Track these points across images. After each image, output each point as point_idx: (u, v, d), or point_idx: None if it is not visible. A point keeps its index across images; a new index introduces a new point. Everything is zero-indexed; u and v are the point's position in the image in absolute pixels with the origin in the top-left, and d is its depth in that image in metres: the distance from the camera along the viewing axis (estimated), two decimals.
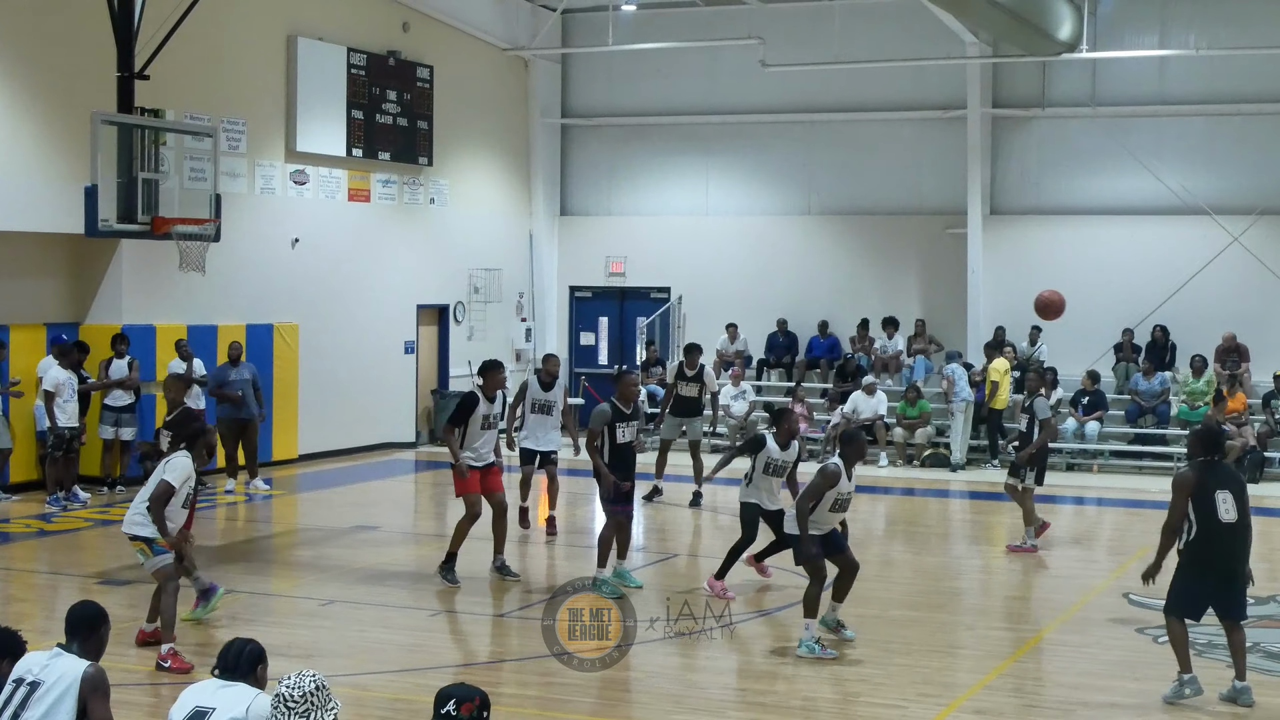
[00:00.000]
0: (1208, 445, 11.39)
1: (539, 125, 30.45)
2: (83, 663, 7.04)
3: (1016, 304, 27.32)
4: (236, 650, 6.92)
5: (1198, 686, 11.19)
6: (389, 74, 26.17)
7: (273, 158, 24.11)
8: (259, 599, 14.63)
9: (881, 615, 14.29)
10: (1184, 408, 25.36)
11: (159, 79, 19.37)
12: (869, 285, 28.87)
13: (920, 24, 27.02)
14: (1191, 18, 26.47)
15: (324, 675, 6.53)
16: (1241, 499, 11.14)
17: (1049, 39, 24.75)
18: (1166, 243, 26.77)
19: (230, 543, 18.46)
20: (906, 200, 28.89)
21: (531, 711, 10.87)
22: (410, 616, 14.15)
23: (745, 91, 29.37)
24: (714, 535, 18.77)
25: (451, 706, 6.26)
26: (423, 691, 11.19)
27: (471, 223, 28.89)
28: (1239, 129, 26.71)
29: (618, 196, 30.99)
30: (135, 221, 18.45)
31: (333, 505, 21.04)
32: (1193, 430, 12.31)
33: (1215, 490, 11.05)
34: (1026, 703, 11.31)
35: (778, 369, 29.02)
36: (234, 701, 6.67)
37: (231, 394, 21.11)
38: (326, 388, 24.83)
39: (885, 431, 25.68)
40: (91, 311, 21.80)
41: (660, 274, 30.26)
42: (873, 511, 21.64)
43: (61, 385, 19.61)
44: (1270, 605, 14.80)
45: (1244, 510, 11.13)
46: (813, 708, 11.08)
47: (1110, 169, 27.28)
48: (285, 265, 24.25)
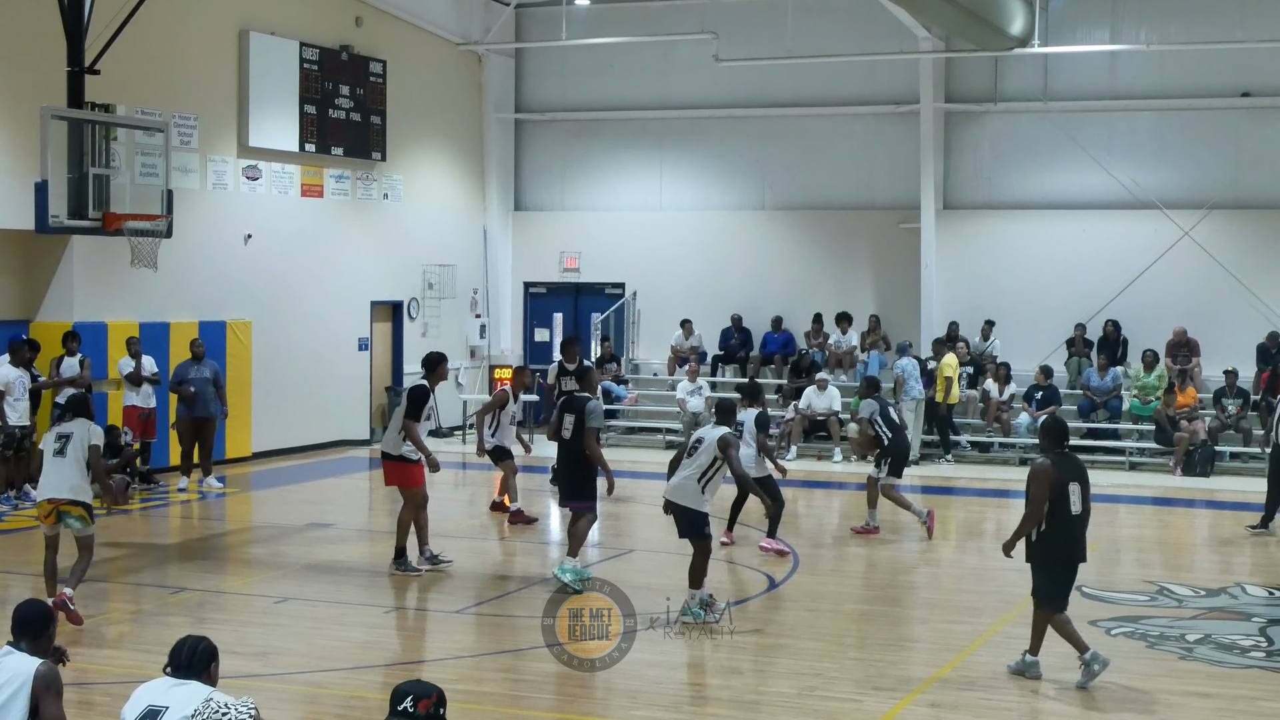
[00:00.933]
0: (1057, 437, 11.72)
1: (492, 120, 30.40)
2: (34, 661, 6.98)
3: (969, 299, 27.52)
4: (189, 649, 6.87)
5: (1104, 659, 11.49)
6: (342, 69, 26.07)
7: (225, 153, 23.98)
8: (212, 597, 14.57)
9: (836, 609, 14.33)
10: (1136, 402, 25.52)
11: (110, 74, 19.23)
12: (823, 280, 28.94)
13: (873, 19, 27.12)
14: (1142, 13, 26.63)
15: (235, 704, 6.51)
16: (1087, 491, 11.51)
17: (1001, 34, 24.89)
18: (1118, 237, 26.94)
19: (184, 541, 18.38)
20: (860, 195, 28.97)
21: (489, 708, 10.85)
22: (365, 614, 14.11)
23: (699, 86, 29.38)
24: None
25: (409, 703, 6.26)
26: (378, 689, 11.17)
27: (425, 218, 28.81)
28: (1189, 124, 26.89)
29: (572, 192, 30.96)
30: (86, 217, 18.30)
31: (287, 503, 20.96)
32: (1042, 424, 12.53)
33: (1067, 483, 11.38)
34: (980, 696, 11.35)
35: (732, 365, 29.05)
36: (187, 700, 6.63)
37: (186, 391, 21.00)
38: (280, 385, 24.73)
39: (839, 427, 25.73)
40: (42, 309, 21.64)
41: (615, 270, 30.25)
42: (827, 506, 21.71)
43: (12, 384, 19.44)
44: (1221, 597, 14.92)
45: (1088, 502, 11.53)
46: (767, 701, 11.10)
47: (1062, 164, 27.42)
48: (238, 261, 24.13)
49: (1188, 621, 13.82)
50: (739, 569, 16.17)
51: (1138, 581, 15.77)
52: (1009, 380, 26.05)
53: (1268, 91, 26.19)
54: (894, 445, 18.16)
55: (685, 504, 13.45)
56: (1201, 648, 12.80)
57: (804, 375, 27.08)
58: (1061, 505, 11.34)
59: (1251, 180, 26.37)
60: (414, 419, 15.28)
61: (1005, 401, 25.83)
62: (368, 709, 10.69)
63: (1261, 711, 11.07)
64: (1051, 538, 11.39)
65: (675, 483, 13.51)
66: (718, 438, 13.44)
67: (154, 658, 11.39)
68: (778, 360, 28.42)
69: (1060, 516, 11.35)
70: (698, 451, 13.49)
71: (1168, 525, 20.25)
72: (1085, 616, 13.86)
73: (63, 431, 13.36)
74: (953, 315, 27.18)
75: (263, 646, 12.45)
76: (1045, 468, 11.45)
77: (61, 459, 13.20)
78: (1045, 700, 11.26)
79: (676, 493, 13.46)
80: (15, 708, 6.84)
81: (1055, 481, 11.33)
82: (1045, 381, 25.75)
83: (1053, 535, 11.38)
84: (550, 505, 20.00)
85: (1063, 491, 11.33)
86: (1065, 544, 11.45)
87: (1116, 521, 20.70)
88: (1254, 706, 11.16)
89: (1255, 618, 14.04)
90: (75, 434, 13.27)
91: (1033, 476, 11.51)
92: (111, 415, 21.24)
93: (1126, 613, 14.14)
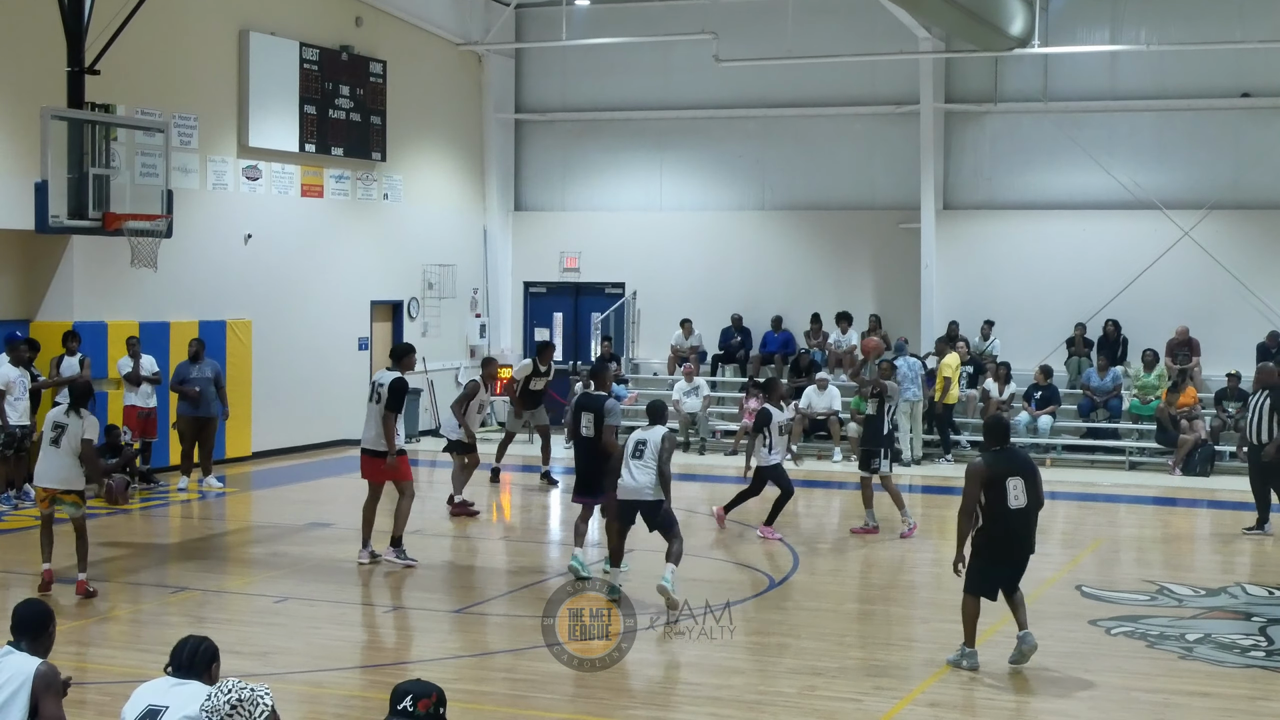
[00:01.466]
0: (997, 435, 12.03)
1: (493, 121, 30.40)
2: (34, 660, 6.98)
3: (969, 299, 27.52)
4: (191, 649, 6.87)
5: (976, 661, 11.86)
6: (342, 69, 26.07)
7: (225, 153, 23.97)
8: (213, 596, 14.57)
9: (836, 609, 14.34)
10: (1135, 402, 25.52)
11: (110, 74, 19.22)
12: (823, 280, 28.94)
13: (873, 19, 27.12)
14: (1142, 13, 26.63)
15: (255, 685, 6.47)
16: (1033, 484, 11.77)
17: (1001, 34, 24.89)
18: (1118, 237, 26.93)
19: (184, 540, 18.39)
20: (860, 195, 28.97)
21: (488, 707, 10.85)
22: (365, 613, 14.13)
23: (699, 87, 29.38)
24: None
25: (408, 703, 6.24)
26: (377, 688, 11.16)
27: (425, 218, 28.82)
28: (1189, 124, 26.89)
29: (572, 192, 30.97)
30: (86, 218, 18.29)
31: (286, 502, 20.95)
32: (985, 421, 12.82)
33: (1006, 478, 11.67)
34: (981, 695, 11.36)
35: (732, 364, 29.05)
36: (187, 700, 6.63)
37: (189, 391, 21.00)
38: (280, 384, 24.73)
39: (839, 426, 25.73)
40: (42, 308, 21.64)
41: (614, 269, 30.26)
42: (827, 506, 21.70)
43: (12, 383, 19.43)
44: (1221, 597, 14.92)
45: (1035, 495, 11.81)
46: (768, 701, 11.10)
47: (1062, 164, 27.42)
48: (238, 261, 24.13)
49: (1188, 621, 13.81)
50: (739, 569, 16.18)
51: (1138, 581, 15.76)
52: (1009, 380, 26.05)
53: (1268, 91, 26.19)
54: (889, 437, 18.42)
55: (653, 499, 13.76)
56: (1201, 648, 12.80)
57: (803, 375, 27.08)
58: (999, 500, 11.66)
59: (1251, 180, 26.36)
60: (395, 410, 15.41)
61: (1005, 401, 25.82)
62: (368, 709, 10.69)
63: (1261, 711, 11.06)
64: (992, 530, 11.75)
65: (635, 484, 13.74)
66: (661, 437, 13.77)
67: (154, 658, 11.40)
68: (777, 360, 28.41)
69: (998, 510, 11.68)
70: (644, 454, 13.75)
71: (1168, 525, 20.24)
72: (1085, 616, 13.90)
73: (59, 421, 13.99)
74: (953, 315, 27.17)
75: (263, 646, 12.45)
76: (977, 466, 11.86)
77: (55, 449, 13.96)
78: (1045, 700, 11.26)
79: (640, 492, 13.71)
80: (15, 707, 6.84)
81: (987, 479, 11.67)
82: (1045, 381, 25.75)
83: (993, 527, 11.74)
84: (549, 501, 20.00)
85: (1000, 487, 11.65)
86: (1004, 538, 11.78)
87: (1116, 521, 20.74)
88: (1254, 706, 11.16)
89: (1255, 618, 14.04)
90: (70, 426, 13.90)
91: (966, 474, 11.93)
92: (111, 415, 21.24)
93: (1126, 613, 14.14)
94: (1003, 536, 11.76)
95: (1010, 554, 11.89)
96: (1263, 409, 18.64)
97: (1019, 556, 11.94)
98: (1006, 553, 11.87)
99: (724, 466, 25.21)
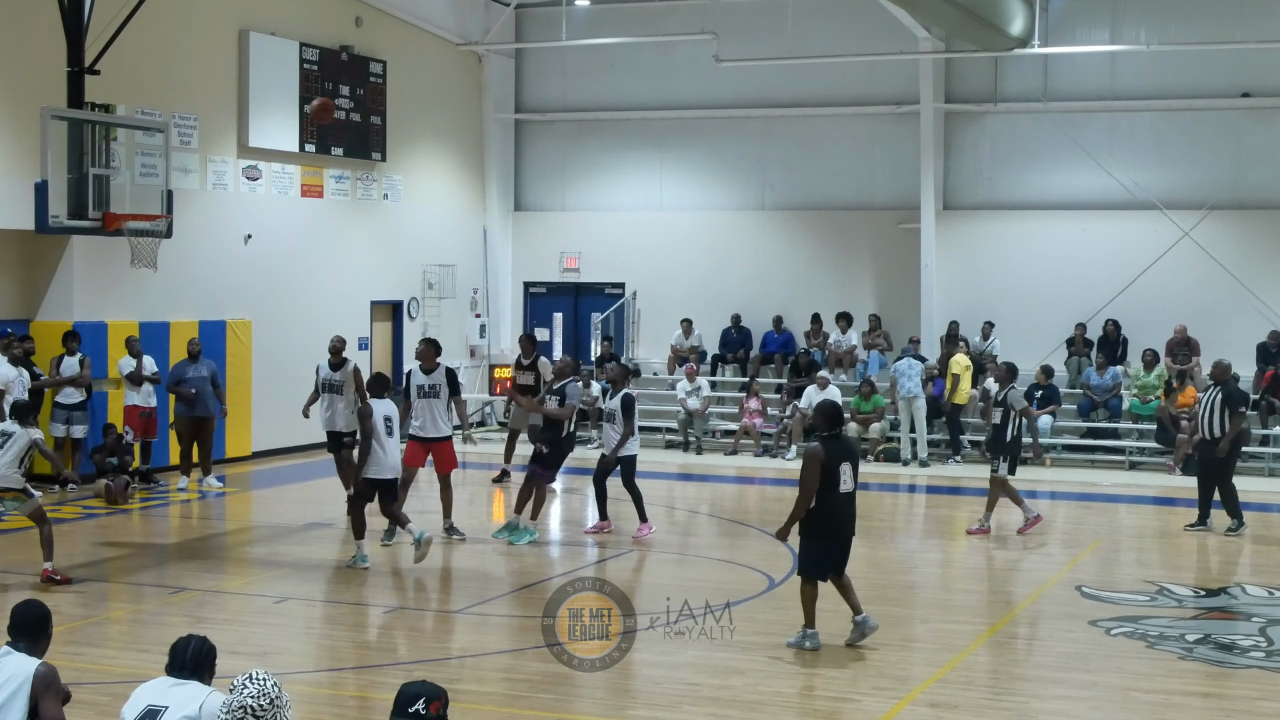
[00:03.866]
0: (831, 420, 12.49)
1: (492, 120, 30.40)
2: (33, 661, 6.98)
3: (969, 299, 27.52)
4: (193, 649, 6.86)
5: (818, 641, 12.46)
6: (342, 69, 26.08)
7: (225, 153, 23.98)
8: (212, 596, 14.56)
9: (836, 609, 14.31)
10: (1135, 401, 25.52)
11: (110, 74, 19.22)
12: (823, 280, 28.94)
13: (873, 20, 27.11)
14: (1142, 14, 26.63)
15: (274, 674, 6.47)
16: (857, 469, 12.48)
17: (1001, 34, 24.89)
18: (1118, 237, 26.94)
19: (184, 540, 18.37)
20: (860, 195, 28.97)
21: (489, 708, 10.85)
22: (364, 613, 14.12)
23: (699, 87, 29.38)
24: (669, 531, 18.76)
25: (420, 705, 6.14)
26: (377, 689, 11.17)
27: (425, 218, 28.82)
28: (1189, 124, 26.89)
29: (572, 192, 30.97)
30: (86, 217, 18.28)
31: (286, 502, 20.95)
32: (817, 406, 13.32)
33: (839, 464, 12.18)
34: (980, 696, 11.36)
35: (732, 364, 29.06)
36: (187, 700, 6.62)
37: (185, 391, 20.99)
38: (280, 384, 24.68)
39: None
40: (42, 308, 21.65)
41: (615, 270, 30.26)
42: None
43: (11, 383, 19.43)
44: (1221, 597, 14.92)
45: (856, 480, 12.49)
46: (768, 701, 11.10)
47: (1062, 164, 27.42)
48: (238, 261, 24.13)
49: (1188, 621, 13.81)
50: (739, 569, 16.17)
51: (1138, 581, 15.76)
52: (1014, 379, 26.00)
53: (1268, 91, 26.20)
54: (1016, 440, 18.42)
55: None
56: (1201, 648, 12.80)
57: (803, 375, 27.08)
58: (832, 484, 12.15)
59: (1251, 180, 26.37)
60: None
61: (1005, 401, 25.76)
62: (368, 709, 10.69)
63: (1261, 711, 11.06)
64: (822, 513, 12.25)
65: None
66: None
67: (154, 658, 11.40)
68: (778, 360, 28.41)
69: (831, 494, 12.20)
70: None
71: (1168, 525, 20.24)
72: (1085, 616, 13.90)
73: (5, 430, 14.65)
74: (953, 315, 27.17)
75: (263, 646, 12.44)
76: (816, 451, 12.26)
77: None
78: (1045, 700, 11.25)
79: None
80: (15, 708, 6.83)
81: (826, 463, 12.11)
82: (1046, 381, 25.74)
83: (823, 511, 12.24)
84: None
85: (834, 472, 12.14)
86: (835, 519, 12.34)
87: (1117, 521, 20.73)
88: (1254, 706, 11.16)
89: (1255, 618, 14.04)
90: (16, 436, 14.57)
91: (805, 459, 12.34)
92: (112, 415, 21.27)
93: (1126, 613, 14.14)
94: (833, 520, 12.31)
95: (840, 535, 12.45)
96: (1215, 404, 18.70)
97: (847, 538, 12.52)
98: (837, 534, 12.42)
99: (723, 466, 25.24)
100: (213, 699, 6.59)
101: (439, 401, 17.39)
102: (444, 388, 17.43)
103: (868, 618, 12.61)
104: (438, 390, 17.37)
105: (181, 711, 6.57)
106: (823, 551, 12.41)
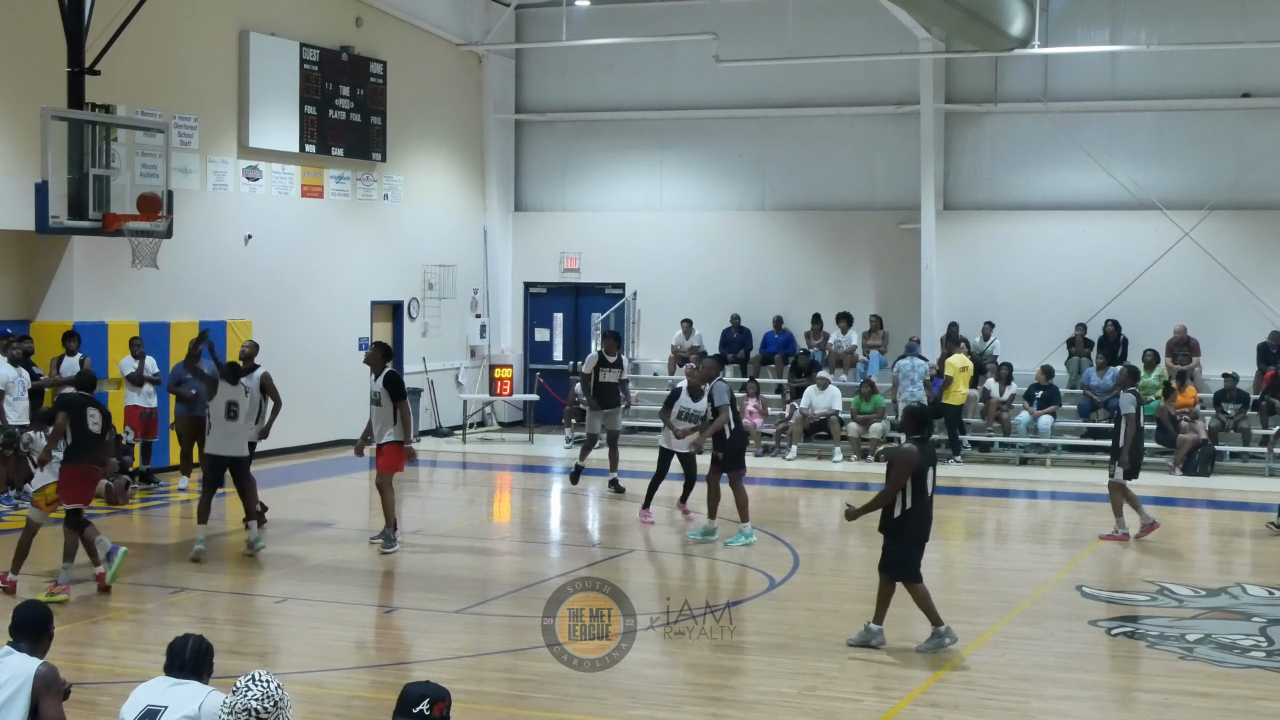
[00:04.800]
0: (920, 423, 12.53)
1: (493, 121, 30.40)
2: (34, 661, 6.99)
3: (969, 299, 27.52)
4: (193, 649, 6.87)
5: (882, 638, 12.55)
6: (342, 69, 26.07)
7: (225, 154, 23.98)
8: (213, 596, 14.57)
9: (836, 609, 14.34)
10: None
11: (110, 74, 19.23)
12: (823, 280, 28.94)
13: (874, 20, 27.10)
14: (1143, 14, 26.62)
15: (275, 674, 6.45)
16: (935, 475, 12.55)
17: (1001, 34, 24.89)
18: (1118, 238, 26.93)
19: (184, 540, 18.35)
20: (860, 195, 28.97)
21: (489, 708, 10.84)
22: (365, 613, 14.12)
23: (699, 87, 29.38)
24: (669, 531, 18.77)
25: (425, 706, 6.10)
26: (379, 689, 11.17)
27: (425, 219, 28.81)
28: (1189, 124, 26.89)
29: (572, 192, 30.97)
30: (86, 218, 18.31)
31: (287, 502, 20.92)
32: (905, 410, 13.29)
33: (927, 467, 12.29)
34: (981, 696, 11.35)
35: (732, 364, 29.02)
36: (186, 699, 6.63)
37: (185, 391, 20.98)
38: (280, 384, 24.56)
39: (839, 426, 25.74)
40: (43, 308, 21.64)
41: (615, 270, 30.25)
42: (827, 506, 21.70)
43: (11, 383, 19.44)
44: (1221, 597, 14.92)
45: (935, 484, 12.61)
46: (768, 701, 11.10)
47: (1062, 164, 27.42)
48: (238, 262, 24.12)
49: (1188, 621, 13.81)
50: (739, 569, 16.18)
51: (1138, 581, 15.77)
52: (1010, 380, 26.05)
53: (1268, 92, 26.19)
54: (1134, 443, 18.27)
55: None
56: (1201, 648, 12.80)
57: (803, 375, 27.09)
58: (920, 488, 12.23)
59: (1251, 181, 26.36)
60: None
61: (1005, 401, 25.83)
62: (368, 709, 10.69)
63: (1261, 711, 11.06)
64: (915, 516, 12.36)
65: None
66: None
67: (154, 658, 11.40)
68: (778, 360, 28.41)
69: (921, 498, 12.26)
70: (239, 415, 17.17)
71: (1167, 525, 20.23)
72: (1085, 616, 13.90)
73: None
74: (953, 315, 27.16)
75: (263, 646, 12.45)
76: (910, 454, 12.29)
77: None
78: (1045, 700, 11.25)
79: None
80: (15, 708, 6.84)
81: (918, 466, 12.19)
82: (1047, 381, 25.76)
83: (916, 514, 12.35)
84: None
85: (922, 475, 12.22)
86: (925, 523, 12.50)
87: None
88: (1254, 706, 11.16)
89: (1255, 618, 14.04)
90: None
91: (897, 459, 12.37)
92: (112, 415, 21.21)
93: (1126, 613, 14.16)
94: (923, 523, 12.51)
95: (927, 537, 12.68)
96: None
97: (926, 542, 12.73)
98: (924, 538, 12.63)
99: None
100: (212, 698, 6.59)
101: (382, 410, 16.76)
102: (385, 396, 16.72)
103: (949, 629, 12.58)
104: (378, 399, 16.76)
105: (181, 711, 6.57)
106: (915, 553, 12.56)
